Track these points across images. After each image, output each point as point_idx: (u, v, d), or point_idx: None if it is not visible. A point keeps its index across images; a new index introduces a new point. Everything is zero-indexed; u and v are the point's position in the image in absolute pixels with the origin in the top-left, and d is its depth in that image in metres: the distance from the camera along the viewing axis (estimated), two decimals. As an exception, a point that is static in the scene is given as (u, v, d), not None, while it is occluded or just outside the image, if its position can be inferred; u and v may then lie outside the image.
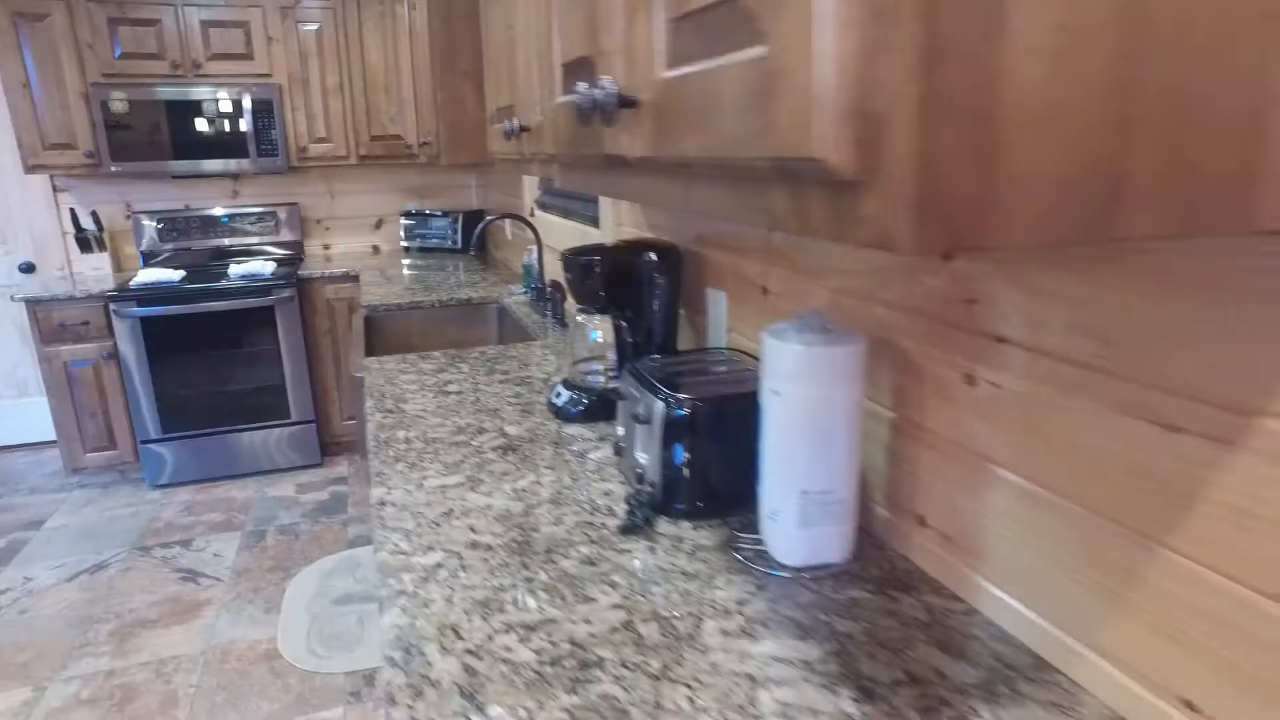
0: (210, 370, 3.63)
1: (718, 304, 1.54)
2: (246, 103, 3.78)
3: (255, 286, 3.61)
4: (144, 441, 3.62)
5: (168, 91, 3.68)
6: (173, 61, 3.73)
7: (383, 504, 1.26)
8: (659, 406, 1.17)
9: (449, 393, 1.80)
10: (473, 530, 1.16)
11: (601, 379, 1.64)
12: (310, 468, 3.84)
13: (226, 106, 3.76)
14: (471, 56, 3.09)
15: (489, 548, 1.11)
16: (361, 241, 4.45)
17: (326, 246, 4.40)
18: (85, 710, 2.29)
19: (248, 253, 4.15)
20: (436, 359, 2.09)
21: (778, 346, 0.99)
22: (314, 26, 3.88)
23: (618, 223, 2.07)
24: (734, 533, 1.15)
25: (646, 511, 1.18)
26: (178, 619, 2.69)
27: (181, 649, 2.53)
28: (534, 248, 2.85)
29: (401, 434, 1.55)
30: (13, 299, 3.51)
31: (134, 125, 3.66)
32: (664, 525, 1.17)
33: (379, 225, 4.46)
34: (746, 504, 1.17)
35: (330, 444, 3.94)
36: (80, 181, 3.99)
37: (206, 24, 3.74)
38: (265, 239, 4.18)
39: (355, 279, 3.74)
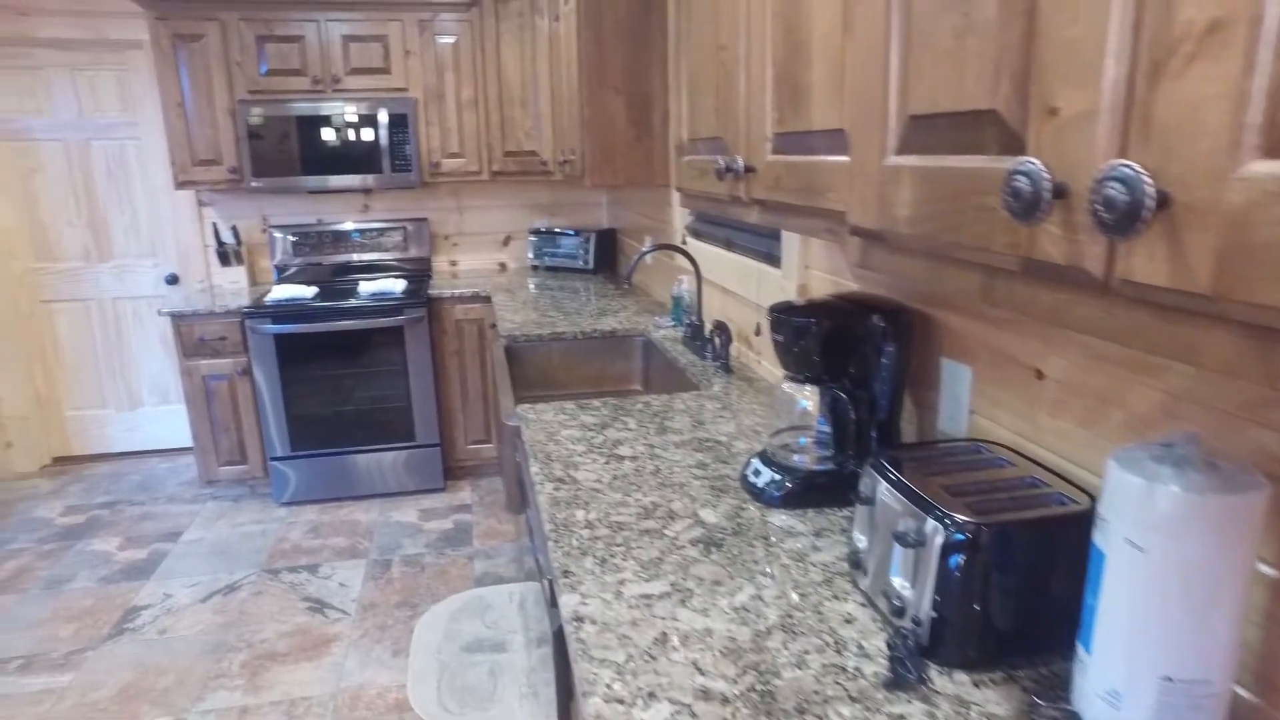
0: (338, 389, 3.59)
1: (957, 380, 1.29)
2: (382, 117, 3.72)
3: (386, 305, 3.54)
4: (273, 458, 3.60)
5: (307, 107, 3.66)
6: (314, 77, 3.70)
7: (579, 620, 1.06)
8: (933, 529, 0.93)
9: (622, 457, 1.60)
10: (699, 670, 0.95)
11: (808, 459, 1.41)
12: (433, 492, 3.75)
13: (362, 122, 3.72)
14: (623, 71, 2.92)
15: (725, 700, 0.89)
16: (489, 258, 4.36)
17: (453, 263, 4.33)
18: (216, 751, 2.21)
19: (376, 268, 4.11)
20: (598, 410, 1.90)
21: (1143, 486, 0.74)
22: (451, 39, 3.80)
23: (805, 264, 1.83)
24: (1033, 699, 0.90)
25: (916, 660, 0.94)
26: (307, 655, 2.60)
27: (312, 689, 2.43)
28: (685, 278, 2.64)
29: (580, 515, 1.36)
30: (159, 313, 3.55)
31: (273, 140, 3.66)
32: (935, 675, 0.93)
33: (507, 242, 4.36)
34: (1043, 653, 0.93)
35: (454, 468, 3.84)
36: (223, 196, 4.03)
37: (347, 39, 3.70)
38: (393, 254, 4.13)
39: (486, 300, 3.63)
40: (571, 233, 4.09)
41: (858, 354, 1.35)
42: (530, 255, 4.23)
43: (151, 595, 2.98)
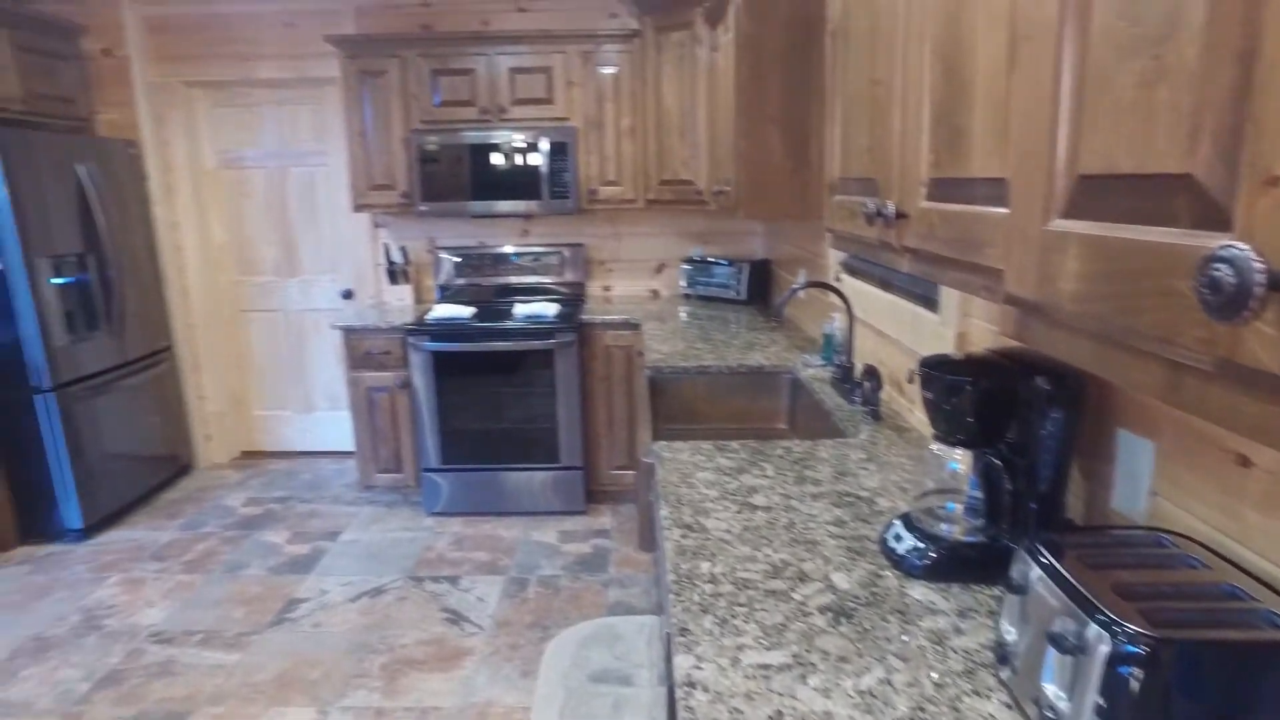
0: (489, 406, 3.71)
1: (1137, 456, 1.14)
2: (543, 145, 3.84)
3: (538, 328, 3.64)
4: (425, 469, 3.78)
5: (474, 135, 3.84)
6: (481, 107, 3.88)
7: (690, 685, 1.01)
8: (1097, 636, 0.80)
9: (756, 506, 1.54)
10: (815, 761, 0.87)
11: (956, 528, 1.29)
12: (574, 514, 3.80)
13: (524, 150, 3.85)
14: (781, 102, 2.86)
15: (842, 802, 0.81)
16: (641, 285, 4.40)
17: (607, 288, 4.40)
18: (353, 751, 2.31)
19: (533, 290, 4.24)
20: (736, 453, 1.84)
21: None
22: (612, 70, 3.88)
23: (966, 312, 1.70)
24: None
25: (1069, 786, 0.82)
26: (441, 665, 2.68)
27: (443, 700, 2.50)
28: (838, 316, 2.53)
29: (705, 567, 1.30)
30: (332, 326, 3.82)
31: (442, 167, 3.85)
32: (1093, 808, 0.80)
33: (660, 270, 4.38)
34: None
35: (596, 492, 3.88)
36: (395, 219, 4.30)
37: (514, 71, 3.86)
38: (550, 278, 4.25)
39: (635, 327, 3.65)
40: (725, 262, 4.05)
41: (1018, 417, 1.23)
42: (683, 283, 4.23)
43: (310, 589, 3.19)
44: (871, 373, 2.07)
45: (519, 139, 3.83)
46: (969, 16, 0.92)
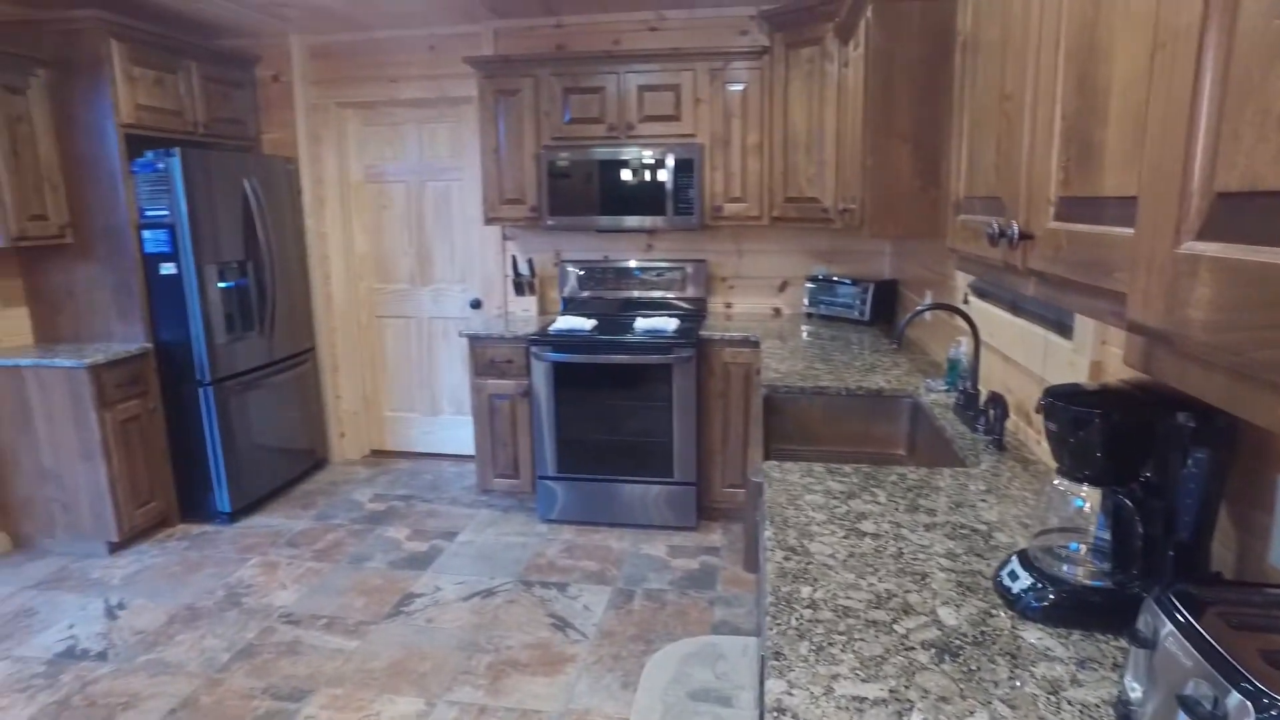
0: (606, 418, 3.76)
1: (1297, 502, 1.02)
2: (670, 162, 3.88)
3: (657, 343, 3.66)
4: (541, 476, 3.87)
5: (601, 152, 3.92)
6: (610, 124, 3.96)
7: (780, 710, 0.98)
8: (1240, 708, 0.72)
9: (864, 532, 1.49)
10: (906, 805, 0.83)
11: (1079, 570, 1.20)
12: (684, 530, 3.79)
13: (650, 166, 3.89)
14: (912, 118, 2.77)
15: None
16: (763, 302, 4.36)
17: (728, 305, 4.38)
18: (458, 745, 2.38)
19: (654, 305, 4.28)
20: (847, 477, 1.78)
21: None
22: (740, 87, 3.87)
23: (1103, 339, 1.59)
24: None
25: None
26: (544, 669, 2.72)
27: (544, 704, 2.54)
28: (964, 340, 2.42)
29: (806, 592, 1.27)
30: (459, 334, 3.99)
31: (569, 182, 3.96)
32: None
33: (783, 288, 4.33)
34: None
35: (707, 508, 3.86)
36: (523, 232, 4.45)
37: (643, 88, 3.92)
38: (672, 293, 4.27)
39: (755, 345, 3.61)
40: (849, 282, 3.95)
41: (1155, 455, 1.13)
42: (806, 302, 4.16)
43: (425, 586, 3.32)
44: (997, 400, 1.96)
45: (646, 155, 3.88)
46: (1106, 20, 0.87)
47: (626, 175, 3.92)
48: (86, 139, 3.65)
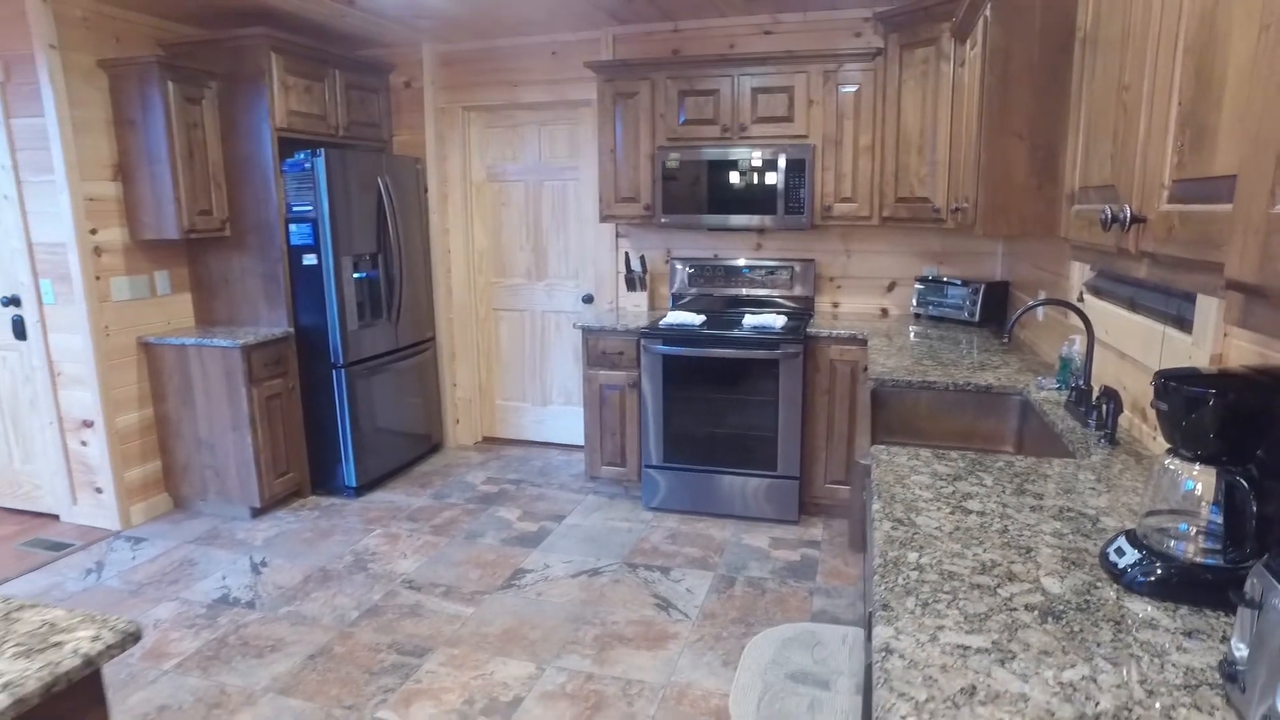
0: (712, 411, 3.87)
1: None
2: (781, 162, 3.95)
3: (765, 339, 3.74)
4: (647, 466, 4.00)
5: (714, 152, 4.03)
6: (723, 125, 4.07)
7: (888, 651, 1.06)
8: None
9: (969, 510, 1.54)
10: (1005, 732, 0.90)
11: (1188, 547, 1.23)
12: (785, 523, 3.85)
13: (762, 167, 3.98)
14: (1028, 117, 2.76)
15: (1029, 770, 0.84)
16: (871, 303, 4.37)
17: (835, 305, 4.41)
18: (565, 703, 2.53)
19: (761, 303, 4.36)
20: (954, 461, 1.83)
21: None
22: (853, 88, 3.91)
23: (1225, 331, 1.59)
24: None
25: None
26: (647, 644, 2.85)
27: (647, 675, 2.66)
28: (1077, 338, 2.41)
29: (913, 556, 1.34)
30: (574, 326, 4.18)
31: (683, 182, 4.08)
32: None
33: (891, 288, 4.33)
34: None
35: (809, 503, 3.91)
36: (636, 230, 4.61)
37: (756, 90, 4.00)
38: (779, 291, 4.34)
39: (862, 342, 3.65)
40: (959, 283, 3.93)
41: (1271, 438, 1.15)
42: (914, 303, 4.15)
43: (535, 562, 3.50)
44: (1110, 395, 1.96)
45: (757, 156, 3.97)
46: (1225, 10, 0.92)
47: (738, 175, 4.01)
48: (246, 142, 4.02)
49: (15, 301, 3.90)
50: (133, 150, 3.86)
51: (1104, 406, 1.99)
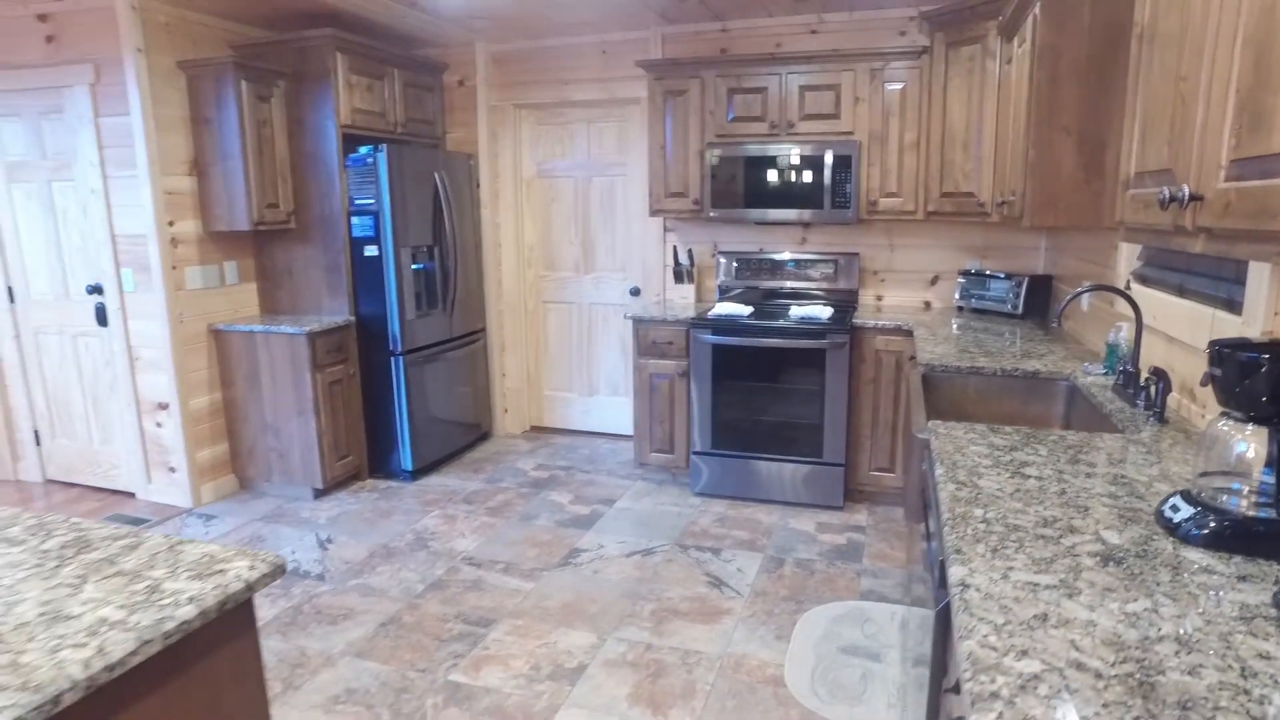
0: (759, 399, 3.98)
1: None
2: (828, 158, 4.05)
3: (812, 329, 3.85)
4: (694, 452, 4.13)
5: (761, 149, 4.14)
6: (771, 122, 4.18)
7: (965, 585, 1.18)
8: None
9: (1026, 475, 1.65)
10: (1075, 647, 1.01)
11: (1241, 503, 1.33)
12: (831, 509, 3.96)
13: (808, 162, 4.08)
14: (1077, 112, 2.85)
15: (1098, 675, 0.95)
16: (914, 296, 4.46)
17: (879, 298, 4.51)
18: (628, 670, 2.66)
19: (805, 296, 4.46)
20: (1008, 434, 1.94)
21: None
22: (899, 86, 4.00)
23: (1276, 310, 1.68)
24: None
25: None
26: (703, 618, 2.97)
27: (703, 646, 2.79)
28: (1124, 325, 2.49)
29: (978, 512, 1.45)
30: (624, 316, 4.31)
31: (730, 177, 4.20)
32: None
33: (934, 282, 4.41)
34: None
35: (854, 490, 4.01)
36: (684, 224, 4.73)
37: (804, 88, 4.11)
38: (823, 284, 4.44)
39: (907, 333, 3.74)
40: (1002, 276, 4.00)
41: (1319, 398, 1.25)
42: (957, 296, 4.23)
43: (589, 543, 3.64)
44: (1159, 375, 2.05)
45: (804, 152, 4.08)
46: (1280, 8, 1.02)
47: (786, 171, 4.12)
48: (312, 138, 4.21)
49: (98, 290, 4.12)
50: (208, 146, 4.06)
51: (1153, 387, 2.08)
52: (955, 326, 3.75)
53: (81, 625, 1.11)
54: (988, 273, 4.09)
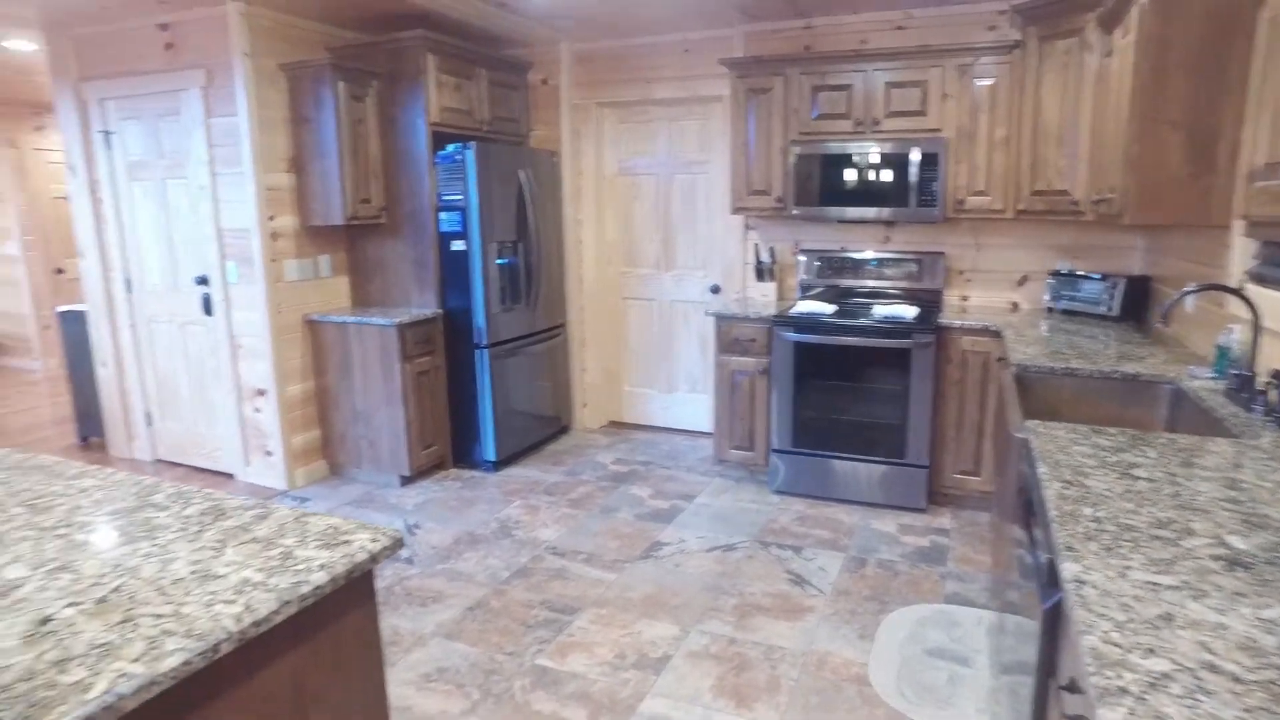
0: (841, 398, 3.95)
1: None
2: (914, 156, 3.99)
3: (896, 328, 3.80)
4: (774, 450, 4.12)
5: (845, 146, 4.10)
6: (856, 120, 4.14)
7: (1080, 582, 1.16)
8: None
9: (1136, 477, 1.61)
10: (1208, 650, 0.99)
11: (1378, 507, 1.28)
12: (913, 511, 3.90)
13: (894, 160, 4.03)
14: (1184, 104, 2.75)
15: (1236, 679, 0.93)
16: (1001, 297, 4.35)
17: (964, 298, 4.42)
18: (711, 662, 2.68)
19: (887, 295, 4.40)
20: (1113, 435, 1.89)
21: None
22: (989, 81, 3.91)
23: None
24: None
25: None
26: (785, 615, 2.97)
27: (786, 642, 2.79)
28: (1236, 327, 2.40)
29: (1088, 510, 1.43)
30: (705, 314, 4.33)
31: (814, 175, 4.17)
32: None
33: (1022, 282, 4.30)
34: None
35: (937, 493, 3.95)
36: (765, 222, 4.72)
37: (890, 85, 4.06)
38: (905, 284, 4.38)
39: (995, 334, 3.66)
40: (1096, 277, 3.88)
41: None
42: (1046, 297, 4.12)
43: (670, 536, 3.67)
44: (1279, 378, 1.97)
45: (889, 150, 4.03)
46: None
47: (870, 169, 4.08)
48: (403, 136, 4.35)
49: (205, 281, 4.34)
50: (306, 144, 4.23)
51: (1273, 391, 2.00)
52: (1045, 328, 3.66)
53: (228, 584, 1.19)
54: (1080, 273, 3.96)
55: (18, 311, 7.57)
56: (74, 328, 5.04)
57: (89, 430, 5.16)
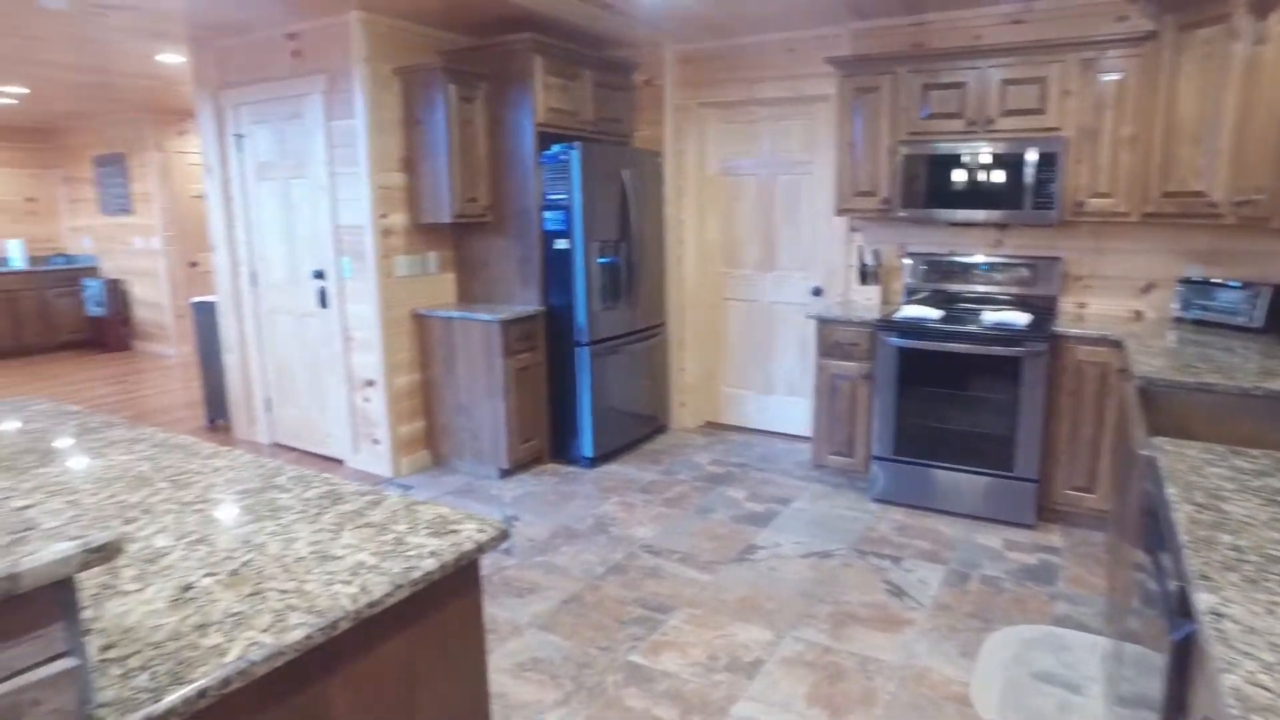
0: (946, 406, 3.82)
1: None
2: (1030, 156, 3.81)
3: (1006, 335, 3.64)
4: (875, 457, 4.02)
5: (957, 146, 3.95)
6: (968, 119, 3.98)
7: (1218, 615, 1.09)
8: None
9: (1282, 502, 1.49)
10: (1365, 694, 0.91)
11: None
12: (1020, 527, 3.73)
13: (1008, 160, 3.86)
14: (1345, 100, 2.53)
15: (1398, 728, 0.85)
16: (1122, 305, 4.11)
17: (1081, 305, 4.19)
18: (805, 669, 2.64)
19: (997, 301, 4.23)
20: (1255, 458, 1.76)
21: None
22: (1116, 76, 3.70)
23: None
24: None
25: None
26: (882, 626, 2.90)
27: (883, 655, 2.71)
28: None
29: (1226, 539, 1.33)
30: (806, 316, 4.26)
31: (923, 176, 4.04)
32: None
33: (1147, 289, 4.05)
34: None
35: (1047, 509, 3.76)
36: (870, 223, 4.61)
37: (1005, 82, 3.89)
38: (1017, 289, 4.19)
39: (1116, 344, 3.47)
40: (1236, 285, 3.61)
41: None
42: (1175, 306, 3.86)
43: (766, 540, 3.63)
44: None
45: (1004, 150, 3.86)
46: None
47: (982, 169, 3.92)
48: (510, 136, 4.46)
49: (321, 275, 4.57)
50: (417, 145, 4.39)
51: None
52: (1174, 339, 3.43)
53: (344, 565, 1.25)
54: (1215, 281, 3.70)
55: (157, 301, 8.18)
56: (205, 317, 5.39)
57: (216, 414, 5.51)
